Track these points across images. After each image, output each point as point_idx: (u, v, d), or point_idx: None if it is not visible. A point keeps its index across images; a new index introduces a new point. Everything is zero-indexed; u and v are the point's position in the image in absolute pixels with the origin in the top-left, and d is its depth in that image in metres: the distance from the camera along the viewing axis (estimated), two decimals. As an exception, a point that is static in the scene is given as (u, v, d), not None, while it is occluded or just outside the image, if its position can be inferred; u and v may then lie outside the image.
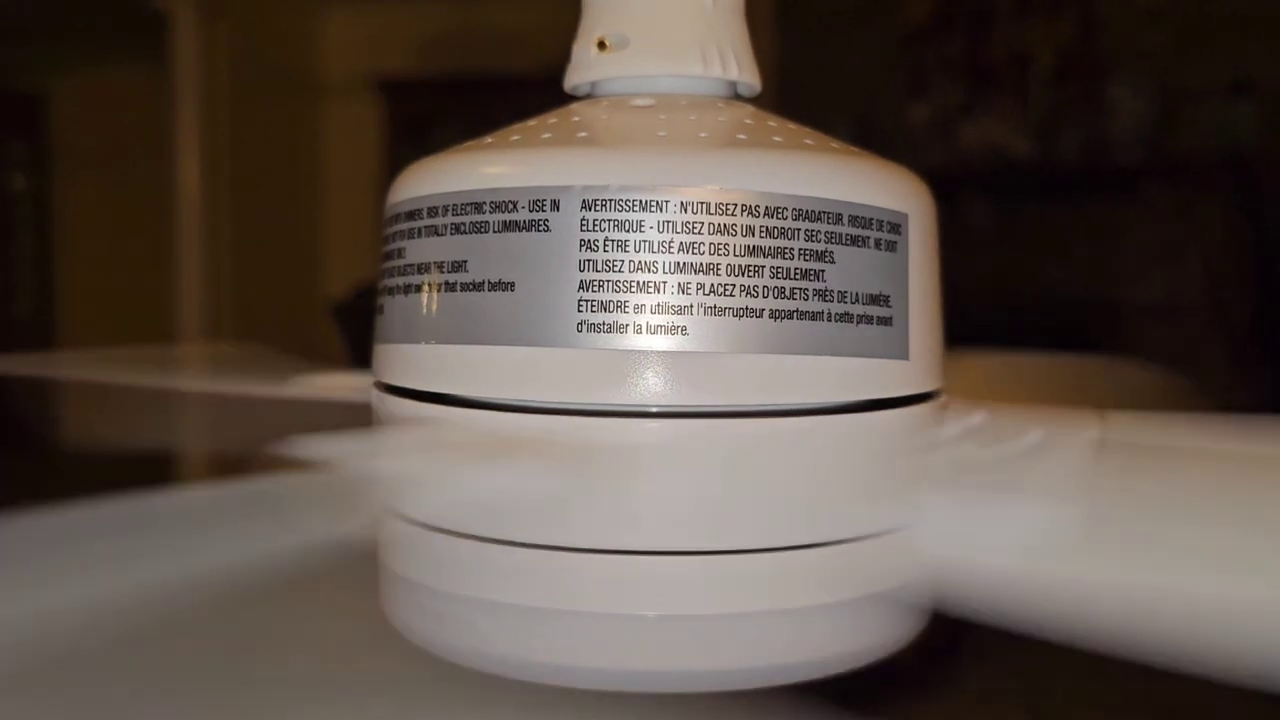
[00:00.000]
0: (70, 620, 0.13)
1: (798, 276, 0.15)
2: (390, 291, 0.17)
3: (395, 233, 0.17)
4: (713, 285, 0.15)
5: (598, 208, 0.15)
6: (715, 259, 0.15)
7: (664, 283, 0.15)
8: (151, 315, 2.02)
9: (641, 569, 0.15)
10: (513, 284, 0.15)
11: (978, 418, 0.17)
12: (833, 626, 0.16)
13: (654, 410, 0.15)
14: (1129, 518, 0.15)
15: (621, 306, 0.15)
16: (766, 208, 0.15)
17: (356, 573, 0.17)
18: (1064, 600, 0.14)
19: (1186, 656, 0.12)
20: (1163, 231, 1.72)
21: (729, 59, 0.18)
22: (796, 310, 0.15)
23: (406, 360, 0.17)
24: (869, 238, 0.16)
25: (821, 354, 0.15)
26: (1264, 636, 0.13)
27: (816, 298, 0.15)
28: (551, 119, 0.18)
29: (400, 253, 0.17)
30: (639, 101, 0.18)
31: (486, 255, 0.16)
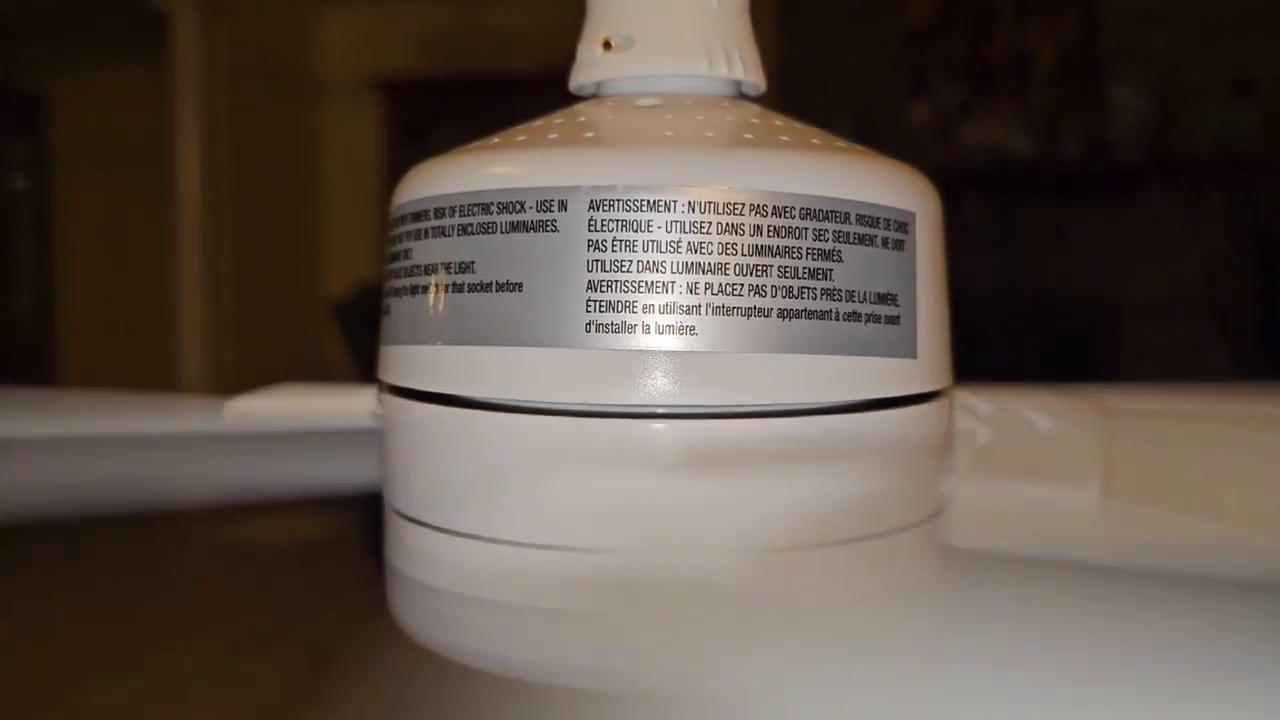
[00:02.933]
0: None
1: (806, 276, 0.15)
2: (397, 293, 0.17)
3: (401, 234, 0.17)
4: (721, 285, 0.15)
5: (605, 208, 0.15)
6: (723, 259, 0.15)
7: (672, 283, 0.15)
8: (151, 315, 2.02)
9: (645, 569, 0.15)
10: (520, 285, 0.15)
11: (986, 408, 0.17)
12: (846, 624, 0.16)
13: (663, 410, 0.15)
14: (1149, 487, 0.15)
15: (630, 307, 0.15)
16: (774, 207, 0.15)
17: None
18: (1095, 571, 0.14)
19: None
20: (1163, 231, 1.72)
21: (734, 58, 0.18)
22: (805, 309, 0.15)
23: (414, 361, 0.17)
24: (877, 237, 0.16)
25: (830, 353, 0.15)
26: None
27: (825, 297, 0.15)
28: (558, 119, 0.18)
29: (407, 254, 0.17)
30: (645, 101, 0.18)
31: (494, 256, 0.15)
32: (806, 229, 0.15)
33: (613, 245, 0.15)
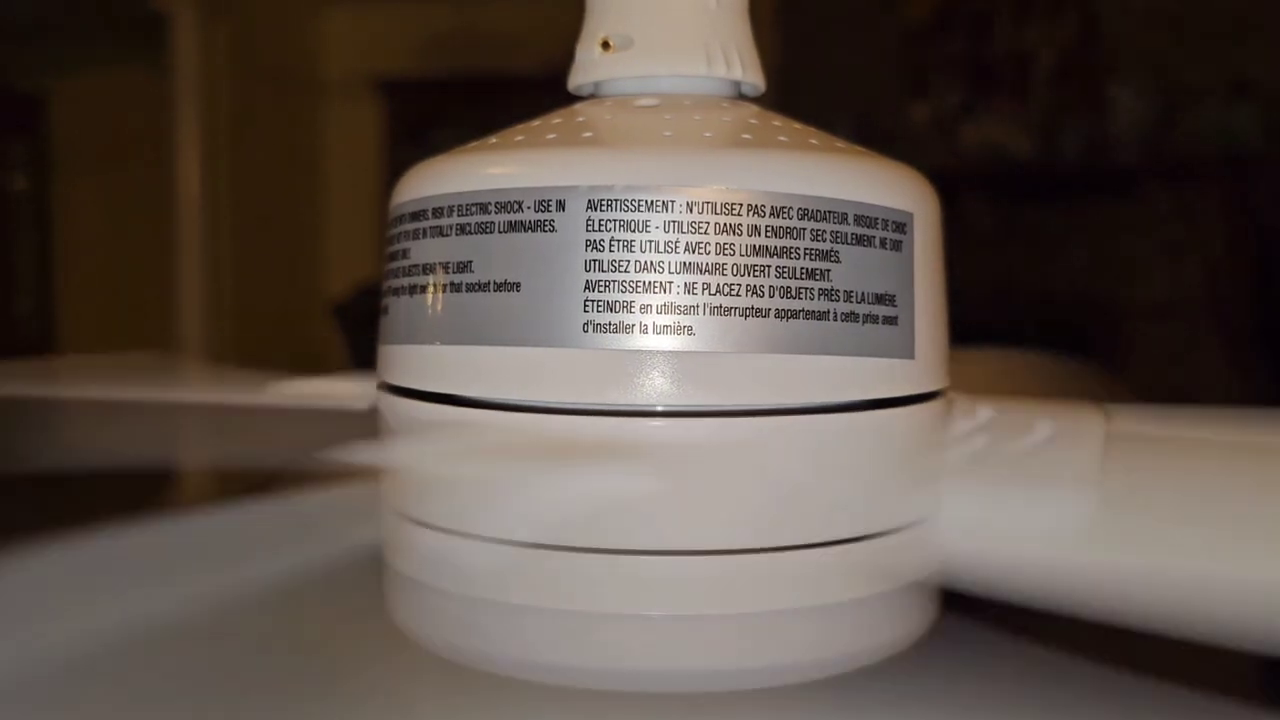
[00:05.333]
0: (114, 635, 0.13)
1: (803, 276, 0.15)
2: (395, 292, 0.17)
3: (400, 233, 0.17)
4: (719, 285, 0.15)
5: (603, 208, 0.15)
6: (721, 259, 0.15)
7: (670, 283, 0.15)
8: (152, 316, 2.02)
9: (648, 569, 0.15)
10: (518, 284, 0.15)
11: (985, 413, 0.18)
12: (842, 624, 0.16)
13: (660, 410, 0.15)
14: (1142, 503, 0.16)
15: (627, 307, 0.15)
16: (772, 207, 0.15)
17: (362, 572, 0.18)
18: (1085, 583, 0.14)
19: (1196, 627, 0.14)
20: (1163, 231, 1.72)
21: (733, 59, 0.18)
22: (802, 310, 0.15)
23: (412, 361, 0.17)
24: (874, 237, 0.16)
25: (827, 353, 0.15)
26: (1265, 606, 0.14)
27: (822, 297, 0.15)
28: (556, 119, 0.18)
29: (405, 253, 0.17)
30: (643, 101, 0.18)
31: (492, 256, 0.16)
32: (804, 229, 0.15)
33: (610, 245, 0.15)
